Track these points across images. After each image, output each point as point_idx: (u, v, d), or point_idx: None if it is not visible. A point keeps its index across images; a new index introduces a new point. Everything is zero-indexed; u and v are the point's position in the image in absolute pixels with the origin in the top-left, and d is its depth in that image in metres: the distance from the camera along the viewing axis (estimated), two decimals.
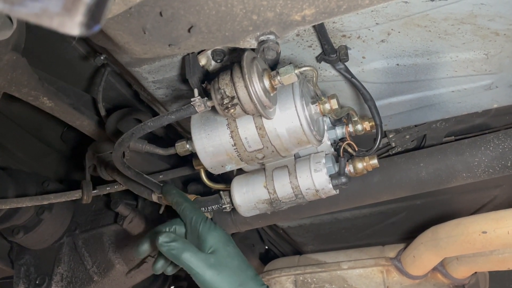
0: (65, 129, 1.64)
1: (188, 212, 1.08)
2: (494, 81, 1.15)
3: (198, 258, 0.98)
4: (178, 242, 0.98)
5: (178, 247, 0.98)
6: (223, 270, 0.99)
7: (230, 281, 0.98)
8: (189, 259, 0.97)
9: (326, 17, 0.77)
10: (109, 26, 0.79)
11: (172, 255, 0.98)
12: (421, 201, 1.72)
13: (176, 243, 0.98)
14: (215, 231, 1.05)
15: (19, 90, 1.11)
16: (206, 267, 0.97)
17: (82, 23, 0.31)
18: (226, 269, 0.99)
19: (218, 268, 0.98)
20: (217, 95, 0.90)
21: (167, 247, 0.97)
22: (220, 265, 0.99)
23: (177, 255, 0.97)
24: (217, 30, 0.78)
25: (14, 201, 1.27)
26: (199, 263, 0.97)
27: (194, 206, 1.11)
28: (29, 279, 1.58)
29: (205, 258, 0.99)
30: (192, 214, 1.07)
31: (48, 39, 1.33)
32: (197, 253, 0.99)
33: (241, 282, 1.00)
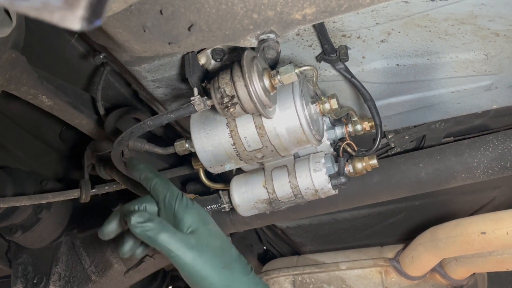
0: (63, 128, 1.64)
1: (160, 188, 0.97)
2: (493, 82, 1.15)
3: (177, 239, 0.88)
4: (154, 222, 0.88)
5: (153, 228, 0.87)
6: (205, 251, 0.90)
7: (213, 263, 0.90)
8: (167, 241, 0.87)
9: (327, 16, 0.77)
10: (109, 24, 0.78)
11: (147, 236, 0.87)
12: (420, 202, 1.72)
13: (152, 223, 0.87)
14: (193, 208, 0.96)
15: (18, 89, 1.10)
16: (187, 248, 0.88)
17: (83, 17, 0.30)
18: (208, 250, 0.91)
19: (200, 249, 0.90)
20: (217, 94, 0.90)
21: (141, 228, 0.86)
22: (201, 245, 0.90)
23: (153, 237, 0.87)
24: (217, 28, 0.78)
25: (13, 199, 1.27)
26: (178, 244, 0.88)
27: (167, 182, 1.00)
28: (26, 278, 1.58)
29: (185, 238, 0.89)
30: (165, 191, 0.97)
31: (47, 38, 1.33)
32: (175, 233, 0.89)
33: (225, 263, 0.92)
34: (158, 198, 0.97)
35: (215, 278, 0.90)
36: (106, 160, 1.39)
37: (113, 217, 1.00)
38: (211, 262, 0.90)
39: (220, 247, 0.94)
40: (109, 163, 1.39)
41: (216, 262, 0.91)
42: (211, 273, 0.89)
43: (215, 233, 0.96)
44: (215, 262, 0.90)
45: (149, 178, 1.00)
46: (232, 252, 0.96)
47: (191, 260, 0.88)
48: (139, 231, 0.87)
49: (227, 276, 0.91)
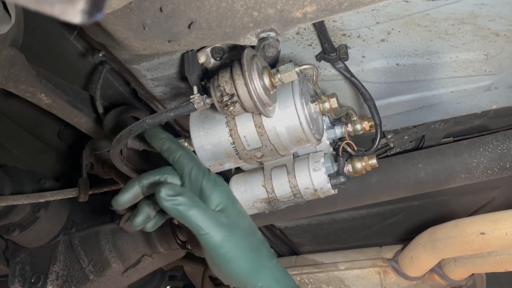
0: (62, 127, 1.63)
1: (186, 160, 0.91)
2: (493, 82, 1.15)
3: (208, 217, 0.83)
4: (185, 196, 0.82)
5: (185, 202, 0.81)
6: (235, 231, 0.85)
7: (243, 244, 0.86)
8: (198, 217, 0.82)
9: (327, 15, 0.76)
10: (108, 21, 0.78)
11: (177, 211, 0.81)
12: (419, 202, 1.72)
13: (183, 197, 0.82)
14: (222, 185, 0.91)
15: (17, 87, 1.10)
16: (218, 227, 0.83)
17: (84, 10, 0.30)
18: (238, 230, 0.86)
19: (230, 229, 0.84)
20: (217, 92, 0.90)
21: (172, 202, 0.81)
22: (231, 225, 0.85)
23: (184, 212, 0.81)
24: (217, 26, 0.78)
25: (10, 198, 1.26)
26: (210, 222, 0.82)
27: (193, 154, 0.94)
28: (24, 278, 1.57)
29: (216, 216, 0.84)
30: (191, 164, 0.91)
31: (46, 36, 1.33)
32: (206, 210, 0.84)
33: (253, 246, 0.88)
34: (183, 171, 0.91)
35: (243, 260, 0.86)
36: (104, 159, 1.39)
37: (131, 186, 0.93)
38: (241, 243, 0.85)
39: (248, 228, 0.90)
40: (108, 162, 1.39)
41: (246, 243, 0.86)
42: (240, 254, 0.85)
43: (243, 213, 0.92)
44: (245, 243, 0.86)
45: (172, 149, 0.93)
46: (259, 234, 0.92)
47: (221, 240, 0.83)
48: (168, 205, 0.81)
49: (255, 259, 0.87)
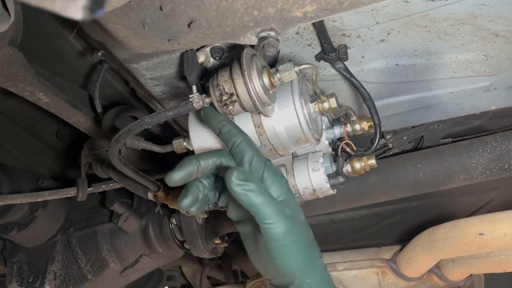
0: (60, 126, 1.63)
1: (248, 147, 0.88)
2: (492, 83, 1.15)
3: (275, 206, 0.82)
4: (255, 183, 0.81)
5: (255, 189, 0.80)
6: (297, 225, 0.85)
7: (302, 238, 0.85)
8: (266, 205, 0.81)
9: (328, 14, 0.76)
10: (108, 19, 0.78)
11: (247, 197, 0.80)
12: (417, 203, 1.73)
13: (253, 183, 0.80)
14: (283, 177, 0.90)
15: (15, 85, 1.09)
16: (283, 217, 0.82)
17: (85, 6, 0.30)
18: (299, 223, 0.86)
19: (293, 221, 0.84)
20: (216, 91, 0.90)
21: (242, 187, 0.80)
22: (293, 217, 0.85)
23: (253, 199, 0.80)
24: (217, 25, 0.77)
25: (8, 197, 1.26)
26: (277, 212, 0.81)
27: (253, 142, 0.91)
28: (22, 277, 1.56)
29: (281, 207, 0.83)
30: (252, 151, 0.88)
31: (45, 35, 1.32)
32: (274, 199, 0.83)
33: (309, 241, 0.88)
34: (243, 157, 0.88)
35: (300, 254, 0.85)
36: (103, 159, 1.38)
37: (188, 163, 0.90)
38: (300, 237, 0.85)
39: (304, 222, 0.89)
40: (106, 161, 1.39)
41: (304, 238, 0.86)
42: (298, 248, 0.85)
43: (300, 208, 0.91)
44: (303, 238, 0.86)
45: (233, 133, 0.90)
46: (311, 231, 0.91)
47: (285, 231, 0.82)
48: (239, 190, 0.80)
49: (309, 254, 0.87)
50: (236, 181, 0.80)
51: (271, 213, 0.81)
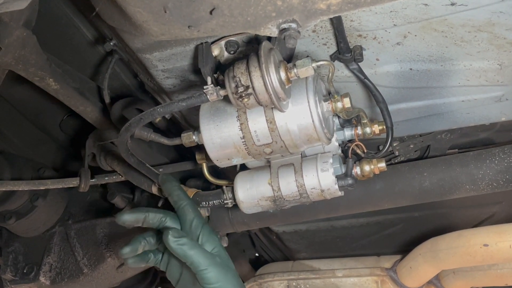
0: (64, 117, 1.62)
1: (189, 211, 1.06)
2: (505, 93, 1.15)
3: (206, 256, 0.99)
4: (188, 239, 0.99)
5: (188, 243, 0.97)
6: (228, 271, 1.01)
7: (233, 282, 1.01)
8: (198, 255, 0.97)
9: (352, 8, 0.76)
10: (129, 2, 0.77)
11: (181, 250, 0.97)
12: (419, 214, 1.71)
13: (186, 239, 0.98)
14: (215, 235, 1.07)
15: (26, 69, 1.08)
16: (214, 264, 0.98)
17: None
18: (229, 270, 1.02)
19: (224, 268, 1.00)
20: (232, 83, 0.89)
21: (177, 242, 0.97)
22: (224, 265, 1.01)
23: (187, 251, 0.97)
24: (239, 14, 0.77)
25: (10, 183, 1.24)
26: (208, 260, 0.98)
27: (195, 206, 1.10)
28: (16, 268, 1.54)
29: (212, 256, 1.00)
30: (194, 215, 1.06)
31: (56, 23, 1.31)
32: (204, 251, 1.00)
33: (240, 285, 1.03)
34: (185, 218, 1.06)
35: None
36: (107, 150, 1.37)
37: (139, 211, 1.07)
38: (231, 281, 1.01)
39: (235, 270, 1.05)
40: (111, 153, 1.37)
41: (234, 282, 1.02)
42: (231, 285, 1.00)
43: (230, 260, 1.06)
44: (234, 282, 1.01)
45: (180, 198, 1.08)
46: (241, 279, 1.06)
47: (216, 276, 0.98)
48: (174, 245, 0.97)
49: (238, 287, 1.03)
50: (171, 238, 0.97)
51: (203, 261, 0.98)
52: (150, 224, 1.07)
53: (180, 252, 0.97)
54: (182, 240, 0.97)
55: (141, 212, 1.06)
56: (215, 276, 0.98)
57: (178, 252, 0.97)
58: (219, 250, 1.04)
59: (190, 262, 0.98)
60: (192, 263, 0.98)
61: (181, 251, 0.97)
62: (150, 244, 1.07)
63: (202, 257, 0.98)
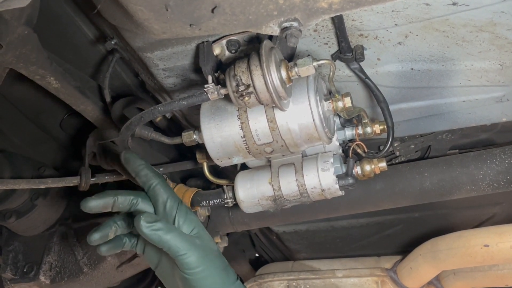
0: (65, 116, 1.61)
1: (161, 191, 0.97)
2: (506, 94, 1.15)
3: (185, 239, 0.91)
4: (162, 222, 0.90)
5: (163, 228, 0.89)
6: (209, 253, 0.94)
7: (215, 263, 0.95)
8: (176, 240, 0.90)
9: (353, 7, 0.76)
10: (130, 0, 0.77)
11: (156, 236, 0.89)
12: (419, 214, 1.71)
13: (161, 223, 0.90)
14: (192, 215, 0.98)
15: (27, 68, 1.08)
16: (194, 247, 0.91)
17: None
18: (211, 252, 0.95)
19: (205, 250, 0.93)
20: (233, 82, 0.89)
21: (151, 228, 0.88)
22: (205, 247, 0.94)
23: (162, 236, 0.89)
24: (241, 12, 0.77)
25: (11, 182, 1.24)
26: (187, 243, 0.91)
27: (167, 184, 1.00)
28: (16, 267, 1.54)
29: (191, 239, 0.93)
30: (167, 195, 0.97)
31: (57, 21, 1.31)
32: (182, 234, 0.92)
33: (223, 266, 0.97)
34: (158, 199, 0.97)
35: (216, 277, 0.94)
36: (108, 150, 1.37)
37: (105, 195, 0.97)
38: (214, 263, 0.94)
39: (217, 251, 0.99)
40: (111, 152, 1.37)
41: (218, 263, 0.96)
42: (214, 273, 0.94)
43: (212, 239, 1.00)
44: (217, 263, 0.95)
45: (149, 177, 0.99)
46: (224, 258, 1.00)
47: (196, 260, 0.91)
48: (148, 231, 0.89)
49: (225, 278, 0.96)
50: (144, 224, 0.88)
51: (182, 245, 0.90)
52: (120, 209, 0.98)
53: (155, 238, 0.89)
54: (156, 224, 0.89)
55: (109, 196, 0.96)
56: (195, 260, 0.91)
57: (153, 238, 0.89)
58: (198, 230, 0.96)
59: (168, 248, 0.90)
60: (169, 248, 0.90)
61: (156, 237, 0.89)
62: (122, 227, 0.98)
63: (180, 241, 0.90)
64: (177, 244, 0.90)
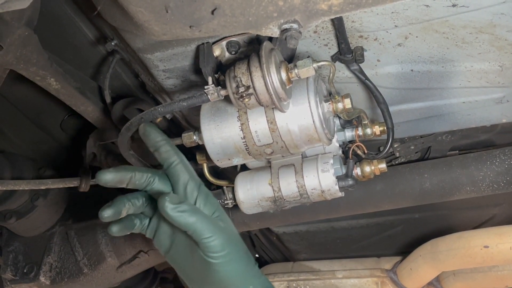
0: (65, 117, 1.61)
1: (183, 171, 0.93)
2: (505, 95, 1.15)
3: (210, 222, 0.88)
4: (187, 204, 0.87)
5: (188, 210, 0.86)
6: (232, 237, 0.91)
7: (238, 247, 0.92)
8: (201, 222, 0.86)
9: (353, 9, 0.76)
10: (130, 2, 0.77)
11: (181, 218, 0.85)
12: (420, 215, 1.71)
13: (186, 205, 0.86)
14: (213, 198, 0.96)
15: (27, 69, 1.08)
16: (219, 231, 0.88)
17: None
18: (234, 235, 0.93)
19: (229, 234, 0.90)
20: (232, 83, 0.89)
21: (177, 209, 0.85)
22: (228, 230, 0.91)
23: (187, 218, 0.85)
24: (240, 14, 0.77)
25: (11, 183, 1.24)
26: (212, 226, 0.87)
27: (189, 165, 0.96)
28: (16, 267, 1.54)
29: (215, 222, 0.89)
30: (188, 175, 0.93)
31: (57, 22, 1.31)
32: (207, 216, 0.89)
33: (245, 250, 0.95)
34: (178, 179, 0.93)
35: (240, 262, 0.91)
36: (108, 150, 1.37)
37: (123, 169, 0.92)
38: (237, 247, 0.92)
39: (238, 234, 0.96)
40: (111, 153, 1.38)
41: (240, 247, 0.93)
42: (237, 257, 0.91)
43: (231, 222, 0.97)
44: (239, 247, 0.93)
45: (171, 154, 0.94)
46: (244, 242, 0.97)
47: (223, 243, 0.88)
48: (173, 213, 0.85)
49: (247, 262, 0.93)
50: (170, 205, 0.84)
51: (207, 228, 0.87)
52: (136, 185, 0.93)
53: (180, 221, 0.85)
54: (181, 206, 0.85)
55: (126, 171, 0.91)
56: (220, 243, 0.87)
57: (177, 221, 0.85)
58: (220, 214, 0.93)
59: (192, 231, 0.86)
60: (194, 231, 0.86)
61: (181, 219, 0.85)
62: (135, 207, 0.94)
63: (205, 224, 0.86)
64: (202, 227, 0.86)
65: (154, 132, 0.96)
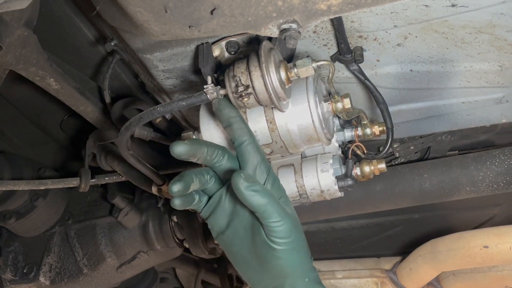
0: (65, 117, 1.62)
1: (255, 152, 0.90)
2: (505, 95, 1.15)
3: (279, 206, 0.85)
4: (260, 185, 0.84)
5: (261, 190, 0.83)
6: (298, 225, 0.89)
7: (302, 237, 0.90)
8: (272, 205, 0.84)
9: (352, 9, 0.76)
10: (129, 2, 0.77)
11: (253, 197, 0.83)
12: (419, 215, 1.72)
13: (259, 186, 0.84)
14: (280, 183, 0.94)
15: (27, 69, 1.08)
16: (287, 217, 0.85)
17: None
18: (299, 224, 0.90)
19: (295, 220, 0.89)
20: (232, 82, 0.89)
21: (251, 188, 0.82)
22: (295, 218, 0.90)
23: (260, 199, 0.83)
24: (240, 14, 0.77)
25: (10, 183, 1.24)
26: (282, 210, 0.85)
27: (259, 146, 0.93)
28: (16, 267, 1.54)
29: (284, 207, 0.87)
30: (260, 156, 0.91)
31: (57, 23, 1.31)
32: (277, 200, 0.86)
33: (306, 241, 0.92)
34: (248, 159, 0.90)
35: (302, 252, 0.88)
36: (108, 151, 1.37)
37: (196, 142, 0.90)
38: (301, 236, 0.90)
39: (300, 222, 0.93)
40: (111, 153, 1.38)
41: (303, 237, 0.91)
42: (300, 246, 0.88)
43: None
44: (302, 236, 0.91)
45: (244, 132, 0.91)
46: None
47: (289, 229, 0.85)
48: (247, 191, 0.82)
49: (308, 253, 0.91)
50: (244, 182, 0.82)
51: (278, 211, 0.84)
52: (206, 161, 0.91)
53: (252, 200, 0.83)
54: (255, 186, 0.83)
55: (200, 144, 0.89)
56: (288, 229, 0.84)
57: (249, 199, 0.83)
58: (286, 200, 0.91)
59: (262, 212, 0.83)
60: (264, 212, 0.83)
61: (254, 198, 0.83)
62: (201, 183, 0.91)
63: (276, 207, 0.84)
64: (273, 210, 0.84)
65: (228, 107, 0.92)
